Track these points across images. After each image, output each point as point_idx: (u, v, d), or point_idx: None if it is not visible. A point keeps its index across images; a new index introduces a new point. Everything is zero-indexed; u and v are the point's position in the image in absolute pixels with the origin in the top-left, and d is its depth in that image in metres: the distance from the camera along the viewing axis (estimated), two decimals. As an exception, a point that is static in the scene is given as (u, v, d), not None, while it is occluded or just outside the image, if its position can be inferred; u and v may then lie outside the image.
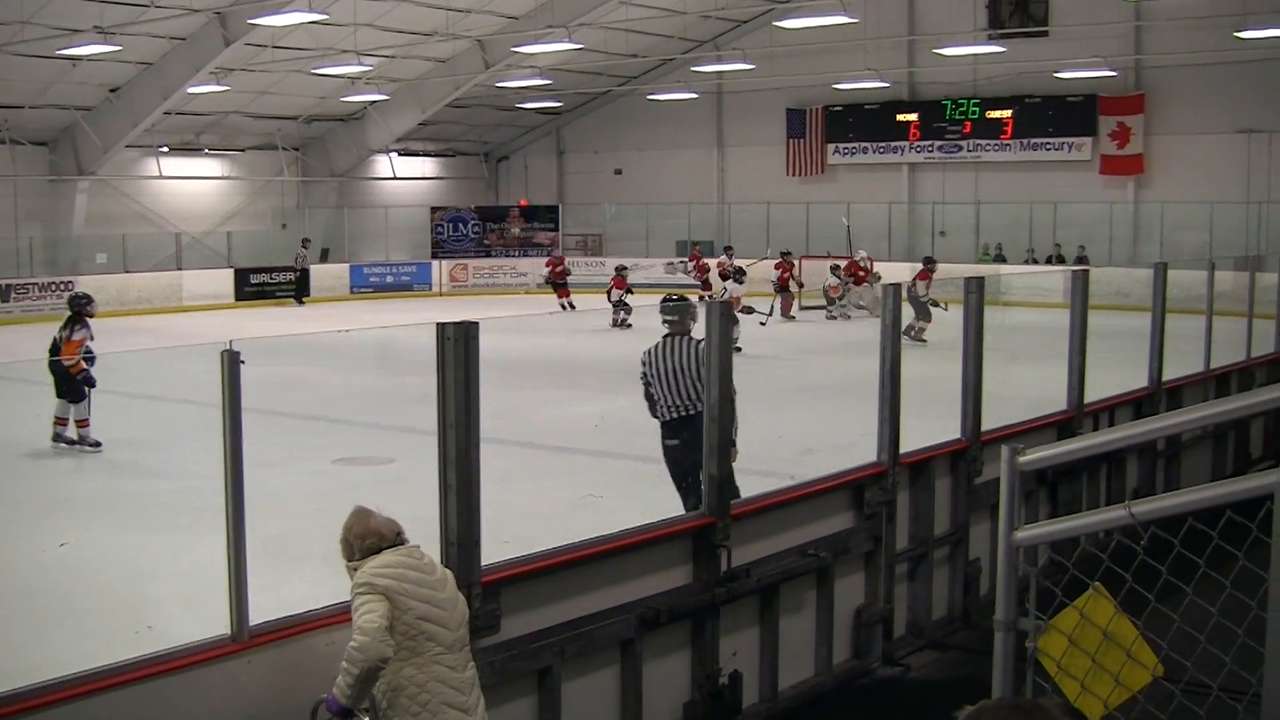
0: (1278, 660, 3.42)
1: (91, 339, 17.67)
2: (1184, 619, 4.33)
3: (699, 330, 9.73)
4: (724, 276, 34.34)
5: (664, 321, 12.06)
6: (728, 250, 39.65)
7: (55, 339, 17.67)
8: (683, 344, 11.79)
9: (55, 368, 17.48)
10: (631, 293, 33.40)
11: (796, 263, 38.25)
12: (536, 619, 7.49)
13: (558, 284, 38.92)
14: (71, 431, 17.51)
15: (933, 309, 28.35)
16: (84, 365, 17.23)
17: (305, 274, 44.71)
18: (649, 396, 11.85)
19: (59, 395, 17.50)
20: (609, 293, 33.49)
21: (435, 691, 6.14)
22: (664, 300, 12.44)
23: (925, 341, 27.37)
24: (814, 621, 9.77)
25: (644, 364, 11.79)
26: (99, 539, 13.20)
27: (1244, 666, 3.93)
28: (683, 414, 11.62)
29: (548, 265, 40.44)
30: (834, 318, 36.22)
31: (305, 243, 45.48)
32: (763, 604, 9.20)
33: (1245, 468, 16.28)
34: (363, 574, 6.15)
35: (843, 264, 37.76)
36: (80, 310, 17.88)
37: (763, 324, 30.87)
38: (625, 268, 35.32)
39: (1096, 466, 13.21)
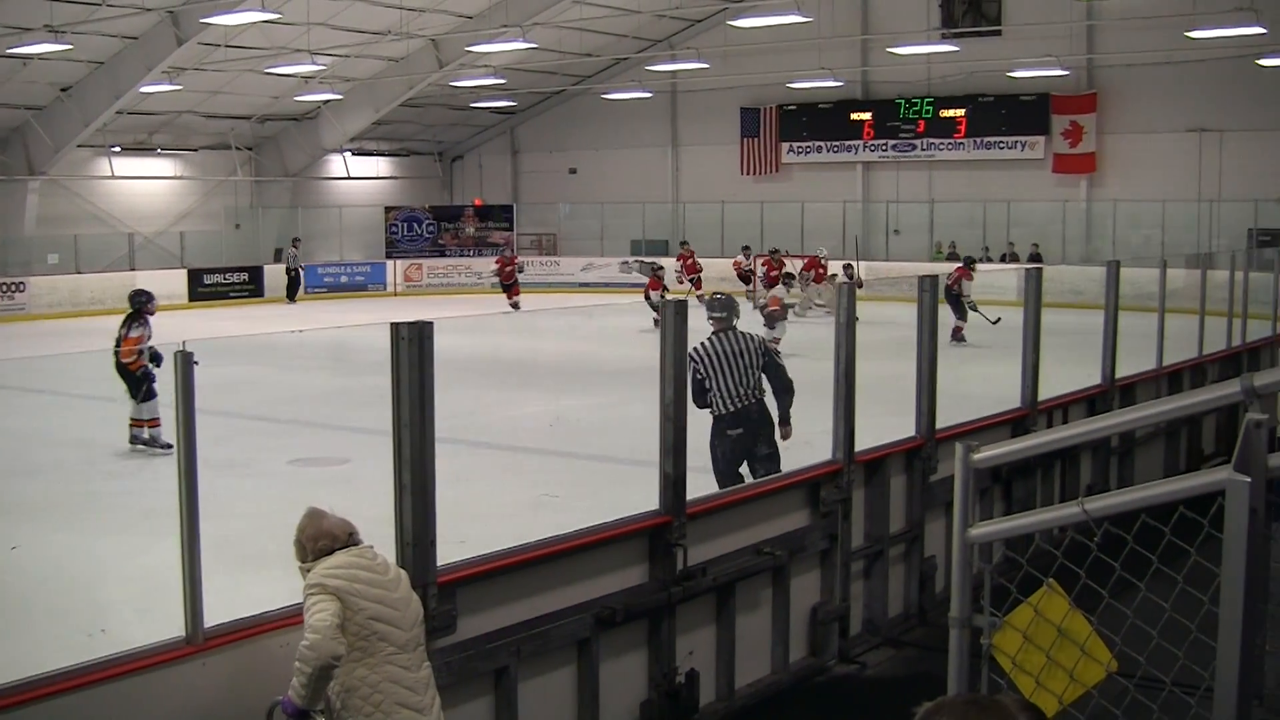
0: (1230, 655, 3.45)
1: (150, 337, 17.45)
2: (1137, 614, 4.35)
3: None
4: (774, 282, 34.70)
5: (710, 319, 12.34)
6: (774, 252, 39.25)
7: (117, 337, 17.51)
8: (734, 337, 12.15)
9: (120, 369, 17.30)
10: (668, 291, 33.43)
11: (786, 260, 38.32)
12: (493, 619, 7.48)
13: (507, 284, 38.89)
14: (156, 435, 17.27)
15: (991, 321, 28.01)
16: (144, 362, 16.95)
17: (296, 273, 44.64)
18: (700, 391, 11.91)
19: (131, 396, 17.32)
20: (647, 294, 33.17)
21: (388, 692, 6.12)
22: (711, 297, 12.78)
23: (965, 340, 27.52)
24: (770, 620, 9.78)
25: (695, 360, 11.78)
26: (52, 542, 13.11)
27: (1197, 661, 3.96)
28: (742, 404, 12.00)
29: (497, 264, 40.41)
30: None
31: (295, 242, 45.57)
32: (719, 602, 9.21)
33: (1198, 464, 16.39)
34: (314, 575, 6.14)
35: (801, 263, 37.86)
36: (140, 308, 17.69)
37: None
38: (661, 267, 35.18)
39: (1050, 463, 13.27)
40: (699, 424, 8.97)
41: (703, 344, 12.04)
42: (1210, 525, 3.71)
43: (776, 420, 12.17)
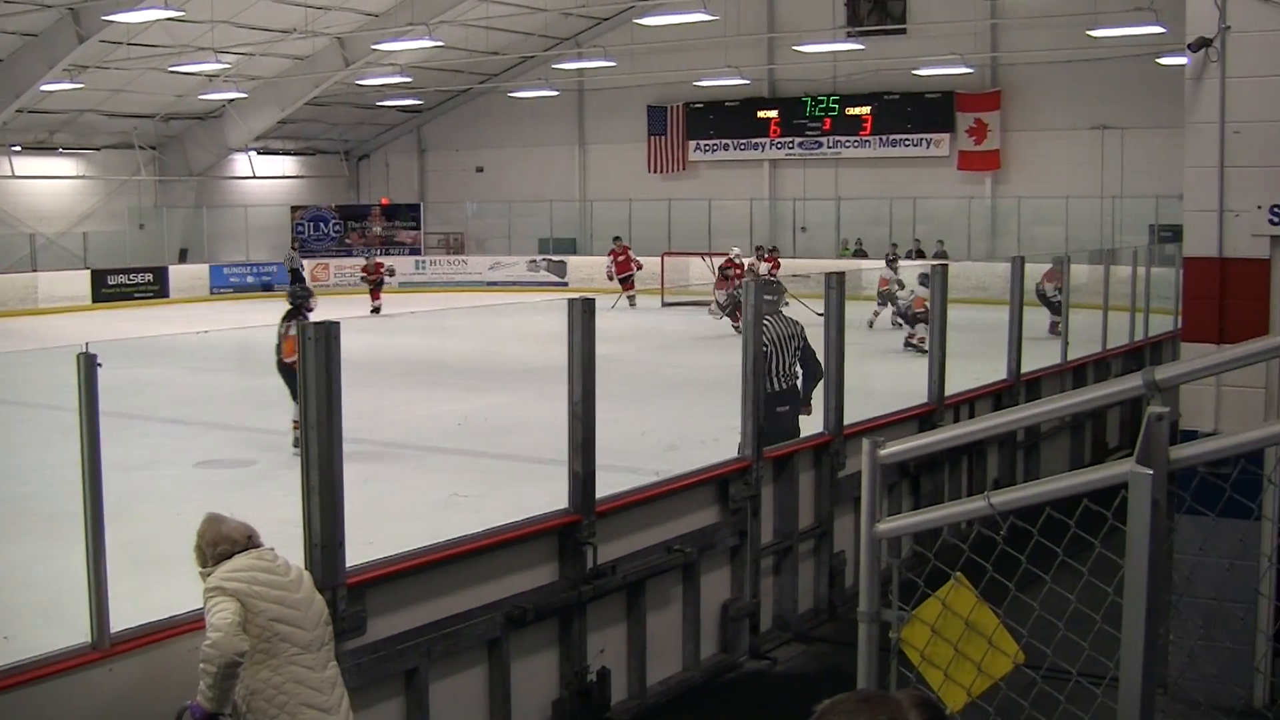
0: (1134, 644, 3.49)
1: None
2: (1043, 606, 4.39)
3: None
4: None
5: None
6: (759, 250, 39.00)
7: (278, 336, 17.15)
8: (784, 320, 12.75)
9: (282, 368, 16.93)
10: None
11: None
12: (403, 620, 7.45)
13: (373, 285, 39.09)
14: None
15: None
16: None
17: (297, 273, 43.23)
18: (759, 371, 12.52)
19: (293, 398, 16.86)
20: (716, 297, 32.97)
21: (292, 693, 6.10)
22: (765, 282, 13.05)
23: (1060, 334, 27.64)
24: (681, 617, 9.79)
25: (765, 342, 12.46)
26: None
27: (1102, 651, 4.00)
28: (788, 383, 12.58)
29: (363, 270, 40.45)
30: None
31: (296, 244, 46.04)
32: (629, 600, 9.21)
33: (1103, 457, 16.56)
34: (213, 579, 6.12)
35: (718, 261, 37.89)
36: (300, 305, 17.35)
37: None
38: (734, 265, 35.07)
39: (958, 458, 13.37)
40: (607, 422, 8.95)
41: (767, 324, 12.37)
42: (1114, 517, 3.76)
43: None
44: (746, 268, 36.35)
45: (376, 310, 37.93)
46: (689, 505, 9.78)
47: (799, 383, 12.63)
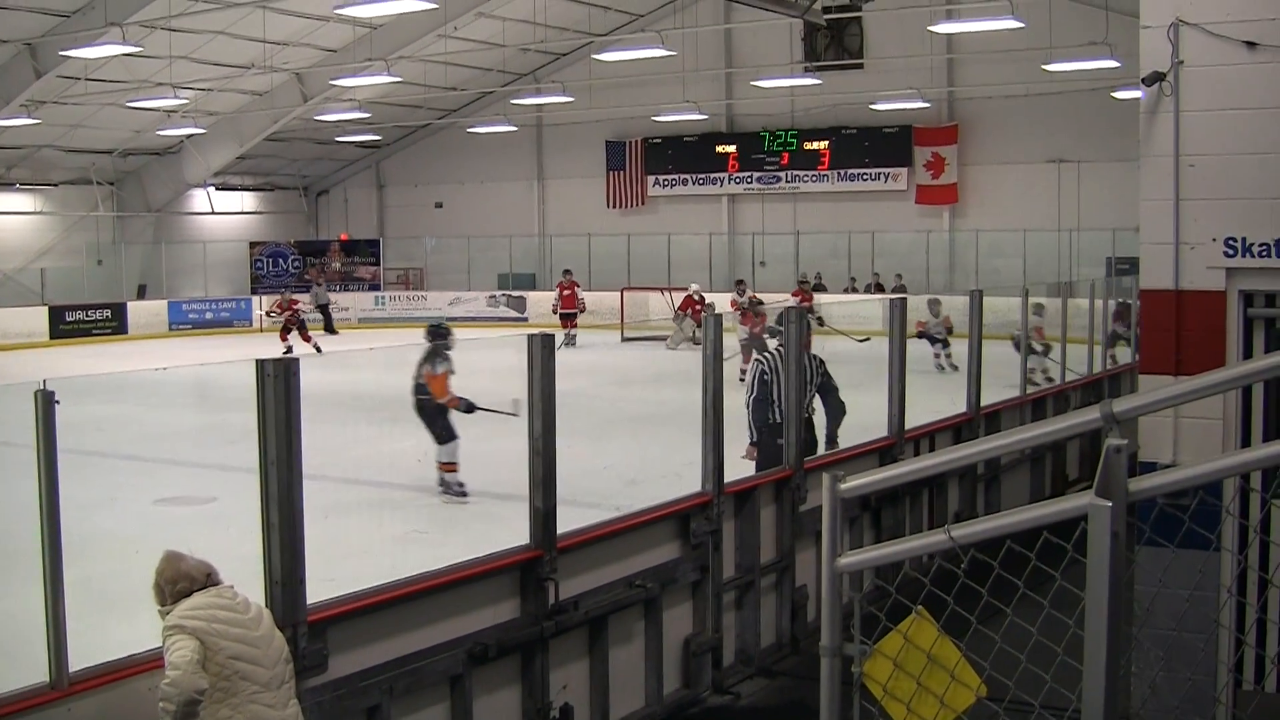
0: (1095, 676, 3.50)
1: (453, 372, 16.73)
2: (1005, 639, 4.40)
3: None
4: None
5: (771, 335, 13.64)
6: (739, 284, 38.46)
7: (416, 378, 16.81)
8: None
9: (422, 410, 16.64)
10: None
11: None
12: (364, 657, 7.42)
13: (288, 327, 37.18)
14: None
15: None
16: (459, 399, 16.23)
17: (326, 307, 43.67)
18: (762, 399, 12.95)
19: (436, 440, 16.58)
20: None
21: (252, 731, 6.08)
22: (779, 316, 13.33)
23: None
24: (643, 652, 9.78)
25: (765, 371, 13.00)
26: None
27: (1063, 683, 4.01)
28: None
29: (276, 306, 38.89)
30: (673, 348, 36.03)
31: (319, 276, 46.53)
32: (592, 636, 9.20)
33: (1063, 489, 16.63)
34: (172, 617, 6.10)
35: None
36: (440, 346, 16.92)
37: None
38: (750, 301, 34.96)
39: (918, 491, 13.40)
40: (568, 458, 8.94)
41: (769, 354, 13.03)
42: (1074, 549, 3.77)
43: (823, 438, 13.20)
44: (706, 304, 36.42)
45: (289, 350, 34.05)
46: (650, 540, 9.78)
47: (812, 417, 12.74)
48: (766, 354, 13.11)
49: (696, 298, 37.02)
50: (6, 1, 31.63)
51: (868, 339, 19.78)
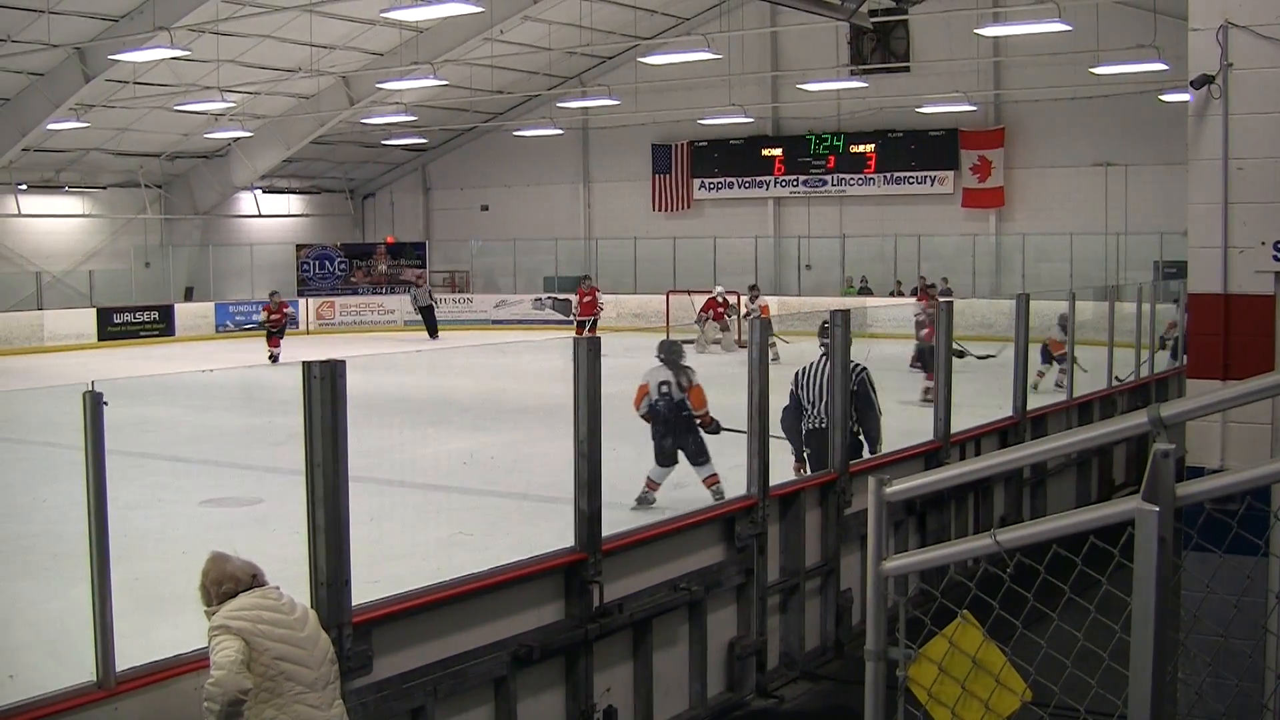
0: (1142, 683, 3.48)
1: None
2: (1051, 644, 4.38)
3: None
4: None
5: (821, 344, 12.90)
6: (752, 289, 38.15)
7: (665, 392, 16.27)
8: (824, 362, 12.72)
9: (674, 422, 16.16)
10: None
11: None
12: (409, 658, 7.44)
13: (272, 331, 36.10)
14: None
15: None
16: (713, 416, 15.30)
17: (429, 310, 44.42)
18: (793, 408, 13.04)
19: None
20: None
21: (297, 732, 6.10)
22: (823, 324, 12.85)
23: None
24: (687, 655, 9.77)
25: (796, 380, 13.09)
26: (-42, 586, 12.91)
27: (1109, 689, 3.99)
28: (821, 424, 12.60)
29: (264, 310, 37.87)
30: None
31: (419, 279, 47.06)
32: (636, 639, 9.19)
33: (1109, 494, 16.55)
34: (218, 618, 6.12)
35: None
36: (680, 357, 16.17)
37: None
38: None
39: (964, 495, 13.36)
40: (613, 460, 8.95)
41: (807, 366, 13.22)
42: (1121, 554, 3.75)
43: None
44: (730, 305, 36.46)
45: (274, 359, 34.60)
46: (695, 543, 9.77)
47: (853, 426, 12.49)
48: (801, 369, 13.07)
49: (720, 299, 36.98)
50: (57, 6, 31.84)
51: (992, 355, 19.03)
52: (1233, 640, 5.75)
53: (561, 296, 47.58)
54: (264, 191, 51.62)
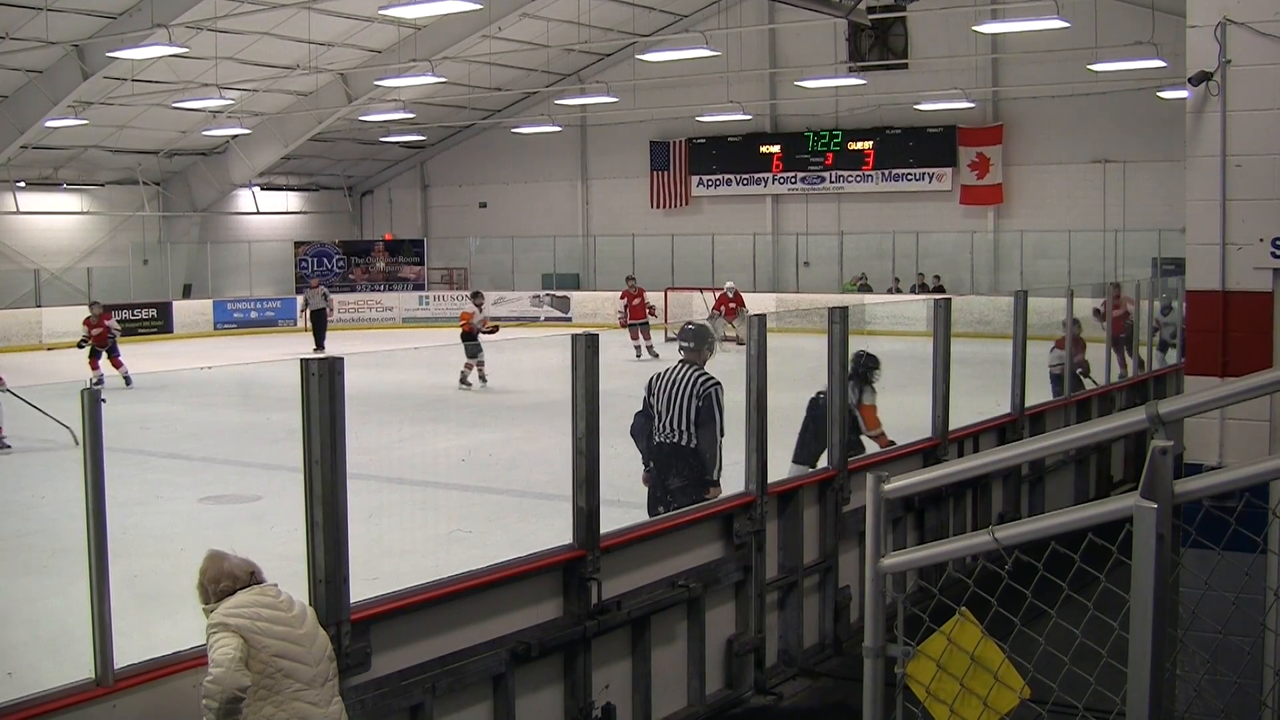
0: (1140, 680, 3.48)
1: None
2: (1049, 641, 4.38)
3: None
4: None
5: (680, 348, 11.57)
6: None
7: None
8: (688, 373, 11.27)
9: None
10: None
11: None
12: (407, 655, 7.43)
13: (96, 349, 29.64)
14: None
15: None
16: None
17: (321, 314, 40.48)
18: (644, 418, 11.46)
19: None
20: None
21: (296, 729, 6.09)
22: (683, 326, 12.02)
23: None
24: (686, 652, 9.77)
25: (649, 386, 11.47)
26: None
27: (1108, 686, 3.99)
28: (666, 439, 11.25)
29: (85, 324, 32.19)
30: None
31: (315, 281, 43.65)
32: (634, 636, 9.19)
33: (1107, 491, 16.54)
34: (216, 615, 6.11)
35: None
36: (876, 370, 15.79)
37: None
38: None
39: (962, 492, 13.35)
40: (611, 457, 8.95)
41: (663, 372, 11.53)
42: (1119, 551, 3.75)
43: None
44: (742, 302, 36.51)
45: (99, 383, 26.58)
46: (693, 540, 9.77)
47: (687, 444, 11.21)
48: (656, 375, 11.57)
49: (730, 295, 36.95)
50: (55, 4, 31.83)
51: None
52: (1231, 637, 5.75)
53: (560, 294, 47.61)
54: (262, 189, 51.65)
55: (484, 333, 29.39)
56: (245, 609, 6.10)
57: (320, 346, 38.68)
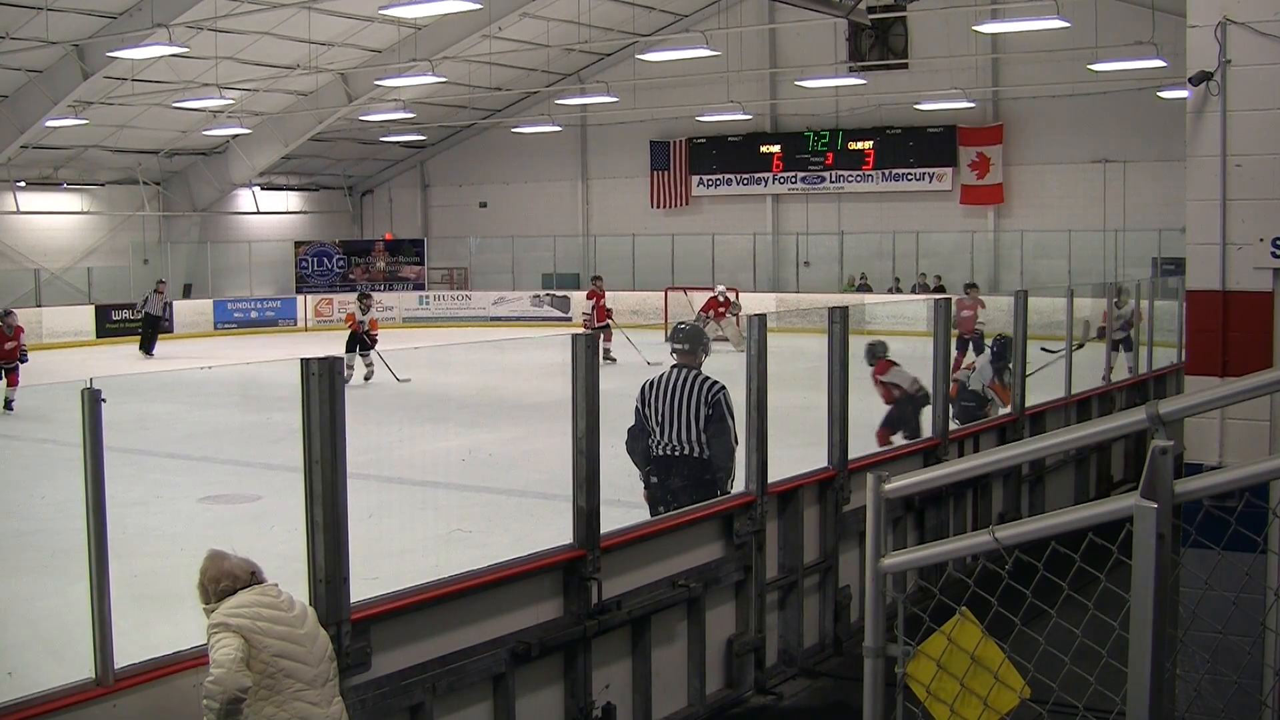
0: (1140, 679, 3.48)
1: None
2: (1049, 641, 4.38)
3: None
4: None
5: (672, 351, 11.17)
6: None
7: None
8: (687, 378, 10.93)
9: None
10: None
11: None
12: (407, 655, 7.43)
13: (5, 366, 25.81)
14: None
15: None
16: None
17: (155, 320, 38.93)
18: (638, 433, 11.03)
19: None
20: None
21: (296, 729, 6.10)
22: (675, 328, 11.57)
23: None
24: (686, 652, 9.77)
25: (642, 396, 11.03)
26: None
27: (1108, 686, 3.99)
28: (671, 453, 10.85)
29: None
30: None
31: (160, 285, 40.29)
32: (634, 635, 9.19)
33: (1108, 490, 16.54)
34: (217, 615, 6.11)
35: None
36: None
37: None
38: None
39: (962, 492, 13.35)
40: (611, 457, 8.95)
41: (655, 379, 11.18)
42: (1119, 551, 3.75)
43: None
44: (731, 304, 36.49)
45: (9, 405, 25.11)
46: (694, 540, 9.77)
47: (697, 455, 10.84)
48: (648, 381, 11.15)
49: (721, 299, 36.94)
50: (55, 3, 31.83)
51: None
52: (1231, 637, 5.76)
53: (560, 294, 47.60)
54: (262, 188, 51.65)
55: (368, 335, 29.55)
56: (246, 609, 6.11)
57: (149, 352, 37.28)
